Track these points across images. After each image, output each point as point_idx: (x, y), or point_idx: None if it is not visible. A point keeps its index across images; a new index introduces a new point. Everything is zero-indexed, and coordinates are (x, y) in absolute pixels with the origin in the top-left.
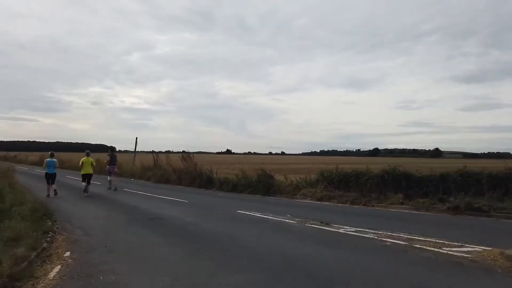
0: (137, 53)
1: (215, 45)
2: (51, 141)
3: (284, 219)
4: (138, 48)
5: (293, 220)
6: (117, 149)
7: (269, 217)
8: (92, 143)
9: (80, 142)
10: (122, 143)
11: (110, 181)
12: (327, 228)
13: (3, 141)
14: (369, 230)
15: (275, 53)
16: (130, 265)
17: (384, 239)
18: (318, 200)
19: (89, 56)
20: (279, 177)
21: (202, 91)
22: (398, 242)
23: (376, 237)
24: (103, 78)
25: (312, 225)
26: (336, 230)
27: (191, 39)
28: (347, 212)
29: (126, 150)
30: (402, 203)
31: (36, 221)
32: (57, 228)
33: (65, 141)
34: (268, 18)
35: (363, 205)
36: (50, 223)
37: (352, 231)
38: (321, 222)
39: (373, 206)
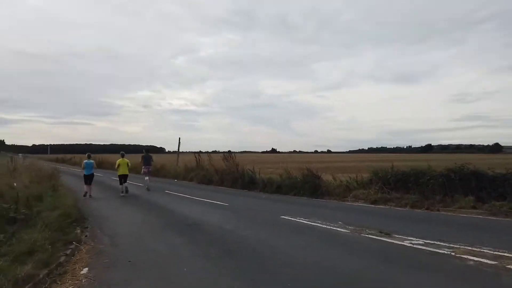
0: (183, 56)
1: (258, 44)
2: (105, 143)
3: (334, 226)
4: (184, 51)
5: (346, 229)
6: (166, 150)
7: (317, 224)
8: (142, 144)
9: (132, 144)
10: (171, 144)
11: (147, 180)
12: (389, 240)
13: (64, 144)
14: (442, 243)
15: (319, 49)
16: (153, 287)
17: (464, 256)
18: (372, 203)
19: (138, 61)
20: (326, 177)
21: (247, 91)
22: (484, 261)
23: (452, 253)
24: (152, 81)
25: (370, 236)
26: (400, 243)
27: (235, 39)
28: (408, 218)
29: (175, 151)
30: (474, 207)
31: (62, 229)
32: (86, 236)
33: (118, 143)
34: (312, 15)
35: (426, 209)
36: (79, 230)
37: (420, 244)
38: (380, 232)
39: (438, 210)
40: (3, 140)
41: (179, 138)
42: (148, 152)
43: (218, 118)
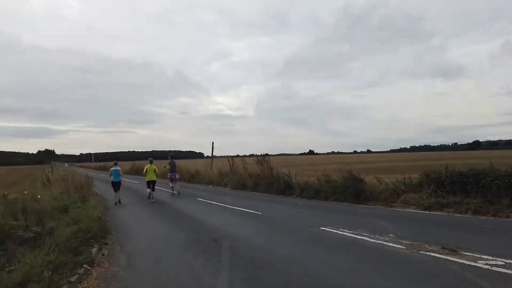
0: (217, 62)
1: (291, 46)
2: (147, 150)
3: (385, 241)
4: (218, 57)
5: (400, 244)
6: (205, 155)
7: (364, 237)
8: (182, 150)
9: (172, 149)
10: (209, 148)
11: (172, 188)
12: (457, 260)
13: (108, 152)
14: None
15: (353, 47)
16: None
17: None
18: (425, 209)
19: (174, 69)
20: (369, 179)
21: (281, 93)
22: None
23: None
24: (188, 88)
25: (431, 253)
26: (473, 264)
27: (267, 42)
28: (474, 228)
29: (214, 156)
30: None
31: (75, 248)
32: (102, 255)
33: (159, 150)
34: (343, 13)
35: (493, 215)
36: (96, 248)
37: (500, 266)
38: (444, 248)
39: (507, 217)
40: (53, 150)
41: (212, 142)
42: (173, 158)
43: (254, 121)
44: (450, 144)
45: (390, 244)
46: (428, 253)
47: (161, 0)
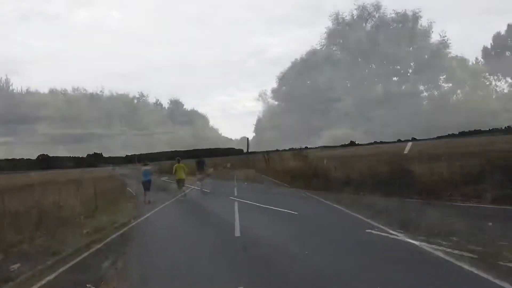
0: (253, 59)
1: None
2: (189, 149)
3: (448, 246)
4: (253, 53)
5: (468, 251)
6: (244, 151)
7: (420, 242)
8: (222, 147)
9: (213, 148)
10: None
11: (201, 185)
12: None
13: (151, 152)
14: None
15: (390, 32)
16: None
17: None
18: (491, 202)
19: (212, 68)
20: (419, 170)
21: (320, 85)
22: None
23: None
24: (226, 86)
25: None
26: None
27: (302, 35)
28: None
29: (252, 152)
30: None
31: (83, 263)
32: (116, 269)
33: (199, 148)
34: None
35: None
36: (111, 259)
37: None
38: None
39: None
40: (101, 153)
41: (247, 139)
42: (200, 157)
43: (293, 115)
44: (503, 128)
45: (455, 252)
46: (507, 263)
47: (195, 3)
